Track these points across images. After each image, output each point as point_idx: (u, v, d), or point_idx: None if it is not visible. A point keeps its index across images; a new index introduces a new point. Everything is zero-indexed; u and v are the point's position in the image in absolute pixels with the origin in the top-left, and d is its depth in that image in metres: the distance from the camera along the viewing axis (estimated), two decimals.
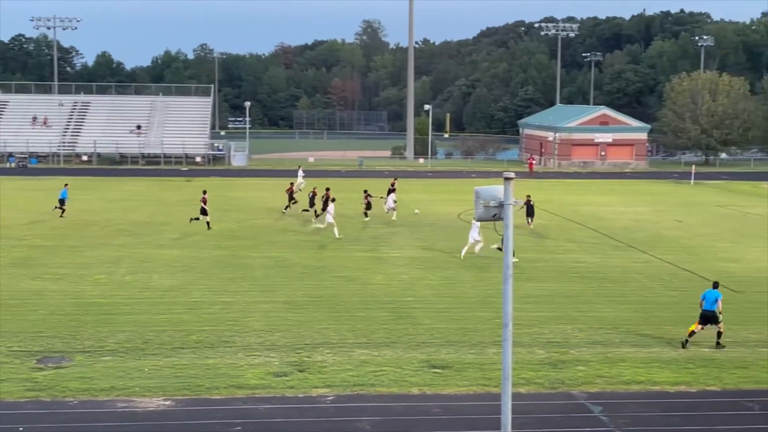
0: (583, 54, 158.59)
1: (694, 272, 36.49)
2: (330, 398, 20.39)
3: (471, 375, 22.06)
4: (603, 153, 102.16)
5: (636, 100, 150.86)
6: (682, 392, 21.18)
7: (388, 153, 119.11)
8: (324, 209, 47.59)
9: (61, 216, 50.53)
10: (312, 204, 51.37)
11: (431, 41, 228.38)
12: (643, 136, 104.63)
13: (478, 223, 42.27)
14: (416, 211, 53.97)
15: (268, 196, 63.23)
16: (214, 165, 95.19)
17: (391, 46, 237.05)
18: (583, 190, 72.98)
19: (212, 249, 40.62)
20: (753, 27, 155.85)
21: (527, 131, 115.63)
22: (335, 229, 44.36)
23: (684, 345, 24.85)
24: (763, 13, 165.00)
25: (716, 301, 24.77)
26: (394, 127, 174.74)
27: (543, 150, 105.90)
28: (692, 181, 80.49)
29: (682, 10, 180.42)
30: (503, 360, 12.82)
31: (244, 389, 20.81)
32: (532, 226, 48.14)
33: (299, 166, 75.39)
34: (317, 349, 24.17)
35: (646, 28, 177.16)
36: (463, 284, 33.49)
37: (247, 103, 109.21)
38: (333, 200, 47.51)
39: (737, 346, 24.99)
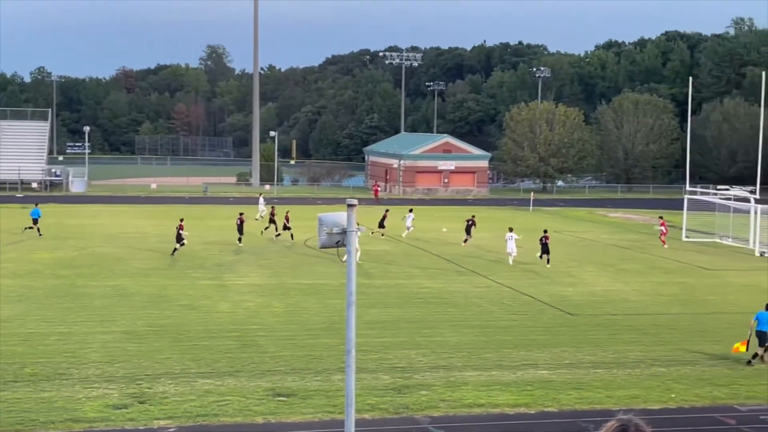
0: (427, 83, 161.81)
1: (533, 296, 37.59)
2: (172, 430, 19.92)
3: (316, 402, 21.99)
4: (446, 180, 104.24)
5: (478, 129, 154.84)
6: (522, 414, 21.70)
7: (233, 179, 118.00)
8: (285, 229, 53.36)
9: (40, 235, 52.32)
10: (286, 227, 54.27)
11: (277, 67, 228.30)
12: (485, 163, 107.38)
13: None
14: (444, 229, 58.61)
15: (107, 223, 61.58)
16: (52, 191, 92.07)
17: (237, 71, 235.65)
18: (429, 217, 74.18)
19: (49, 278, 39.20)
20: (587, 59, 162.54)
21: (373, 158, 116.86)
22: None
23: (750, 362, 26.33)
24: (596, 46, 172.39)
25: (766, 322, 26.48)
26: (240, 153, 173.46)
27: (388, 177, 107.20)
28: (531, 207, 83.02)
29: (520, 42, 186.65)
30: (347, 386, 12.84)
31: (81, 423, 20.09)
32: (464, 245, 51.67)
33: (260, 194, 74.08)
34: (159, 379, 23.60)
35: (486, 59, 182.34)
36: (308, 311, 33.43)
37: (86, 128, 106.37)
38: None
39: (572, 368, 25.83)
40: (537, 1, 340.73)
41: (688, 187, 64.07)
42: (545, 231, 48.76)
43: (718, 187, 66.34)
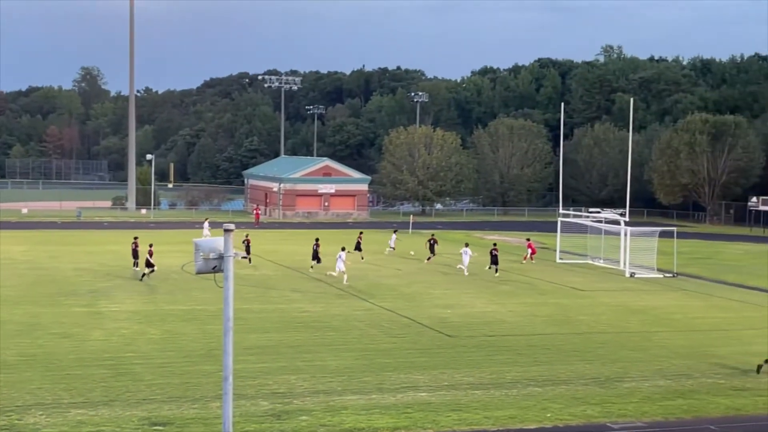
0: (307, 106, 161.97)
1: (413, 318, 37.87)
2: None
3: (194, 430, 21.61)
4: (326, 203, 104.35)
5: (358, 152, 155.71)
6: None
7: (108, 203, 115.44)
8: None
9: None
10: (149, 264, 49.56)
11: (154, 90, 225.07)
12: (365, 187, 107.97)
13: (344, 254, 49.19)
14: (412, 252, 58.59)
15: None
16: None
17: (112, 93, 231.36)
18: (307, 240, 73.94)
19: None
20: (464, 85, 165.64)
21: (252, 182, 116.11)
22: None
23: (758, 371, 28.37)
24: (472, 72, 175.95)
25: None
26: (116, 177, 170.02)
27: (268, 200, 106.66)
28: (410, 230, 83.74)
29: (398, 67, 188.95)
30: (223, 414, 12.68)
31: None
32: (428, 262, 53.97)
33: (206, 219, 72.03)
34: (29, 410, 22.80)
35: (365, 83, 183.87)
36: (185, 337, 32.88)
37: None
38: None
39: (451, 389, 26.10)
40: (414, 27, 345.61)
41: (561, 210, 65.73)
42: (495, 244, 54.25)
43: (590, 209, 68.23)
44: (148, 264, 47.67)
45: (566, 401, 25.07)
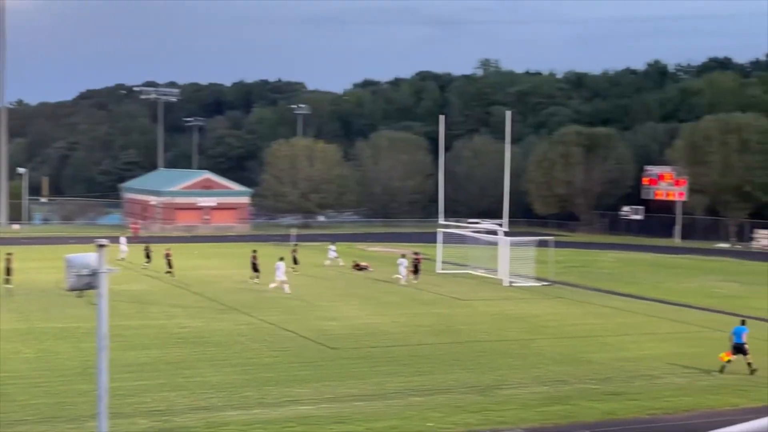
0: (186, 118, 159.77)
1: (296, 332, 37.73)
2: None
3: None
4: (207, 217, 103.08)
5: (239, 165, 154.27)
6: None
7: None
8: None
9: None
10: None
11: (26, 102, 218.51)
12: (246, 200, 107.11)
13: (282, 264, 50.35)
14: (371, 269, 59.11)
15: None
16: None
17: None
18: (187, 254, 72.93)
19: None
20: (345, 97, 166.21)
21: (130, 195, 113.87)
22: None
23: (721, 371, 30.23)
24: (353, 84, 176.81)
25: (742, 335, 30.59)
26: None
27: (146, 214, 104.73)
28: (293, 243, 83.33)
29: (279, 79, 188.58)
30: None
31: None
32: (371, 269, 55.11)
33: (121, 235, 70.44)
34: None
35: (246, 95, 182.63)
36: (60, 356, 31.98)
37: None
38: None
39: (334, 402, 26.09)
40: (295, 39, 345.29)
41: (441, 221, 66.53)
42: (416, 253, 56.57)
43: (470, 220, 69.18)
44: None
45: (447, 410, 25.36)
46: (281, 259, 51.97)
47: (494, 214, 77.31)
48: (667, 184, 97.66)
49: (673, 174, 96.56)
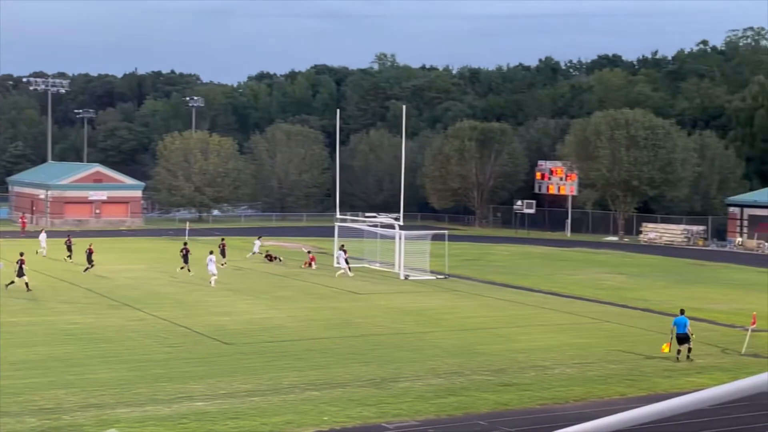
0: (76, 111, 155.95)
1: (189, 327, 37.26)
2: None
3: None
4: (98, 211, 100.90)
5: (131, 158, 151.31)
6: None
7: None
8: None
9: None
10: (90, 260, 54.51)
11: None
12: (138, 193, 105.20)
13: (213, 257, 51.57)
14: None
15: None
16: None
17: None
18: (77, 249, 71.28)
19: None
20: (240, 90, 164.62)
21: (17, 189, 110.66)
22: None
23: (678, 359, 31.62)
24: (249, 77, 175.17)
25: (685, 325, 31.81)
26: None
27: (35, 208, 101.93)
28: (187, 237, 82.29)
29: (172, 71, 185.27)
30: None
31: None
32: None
33: (42, 229, 68.65)
34: None
35: (138, 87, 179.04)
36: None
37: None
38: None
39: (229, 398, 25.86)
40: (188, 31, 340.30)
41: (338, 215, 66.62)
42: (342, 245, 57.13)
43: (366, 214, 69.46)
44: (21, 273, 46.44)
45: (343, 404, 25.41)
46: (211, 252, 52.27)
47: (391, 207, 78.02)
48: (559, 179, 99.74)
49: (564, 169, 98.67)
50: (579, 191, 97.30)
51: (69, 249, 61.46)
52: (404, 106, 70.60)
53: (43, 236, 66.05)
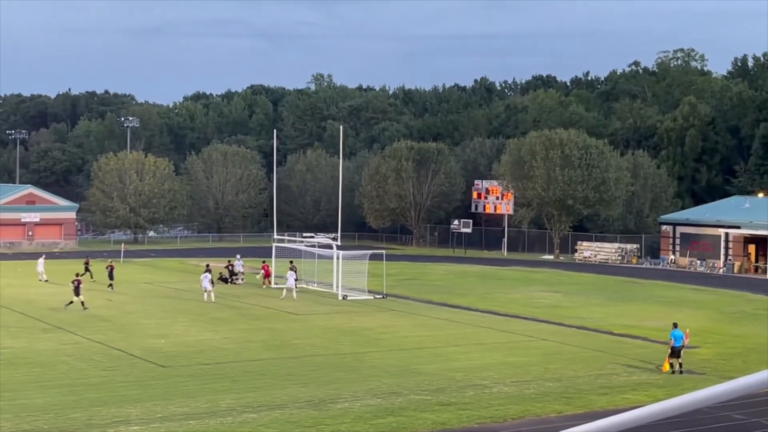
0: (8, 131, 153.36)
1: (124, 350, 36.76)
2: None
3: None
4: (30, 233, 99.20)
5: (64, 179, 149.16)
6: None
7: None
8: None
9: None
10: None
11: None
12: (72, 215, 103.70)
13: (208, 275, 53.87)
14: None
15: None
16: None
17: None
18: (8, 271, 69.95)
19: None
20: (176, 110, 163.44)
21: None
22: None
23: (674, 372, 32.99)
24: (184, 97, 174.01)
25: (682, 338, 33.05)
26: None
27: None
28: (122, 259, 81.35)
29: (106, 91, 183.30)
30: None
31: None
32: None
33: (43, 255, 64.86)
34: None
35: (72, 107, 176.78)
36: None
37: None
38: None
39: (165, 421, 25.54)
40: (121, 50, 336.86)
41: (276, 235, 66.35)
42: (291, 261, 58.28)
43: (304, 234, 69.34)
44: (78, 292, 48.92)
45: (281, 425, 25.27)
46: (207, 268, 55.79)
47: (328, 227, 78.15)
48: (495, 198, 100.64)
49: (500, 188, 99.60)
50: (515, 210, 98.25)
51: (86, 270, 62.24)
52: (341, 126, 70.75)
53: (41, 261, 63.77)
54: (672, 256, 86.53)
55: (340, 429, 25.02)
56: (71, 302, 48.91)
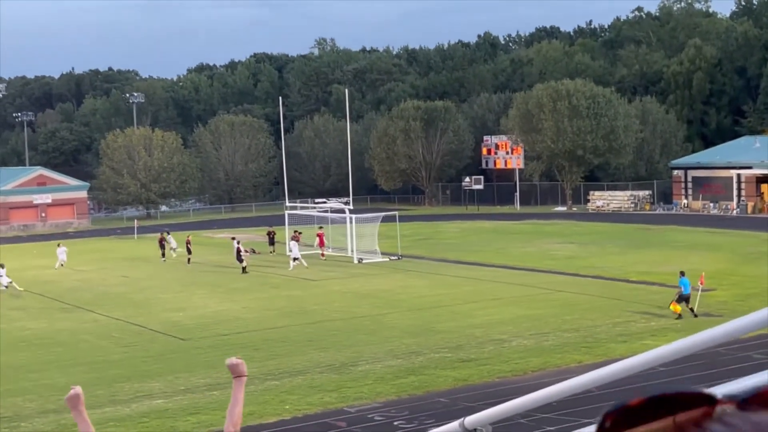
0: (14, 114, 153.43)
1: (144, 326, 36.99)
2: None
3: None
4: (44, 214, 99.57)
5: (74, 159, 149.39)
6: None
7: None
8: None
9: None
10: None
11: None
12: (84, 194, 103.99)
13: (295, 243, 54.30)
14: None
15: None
16: None
17: None
18: (25, 254, 70.31)
19: None
20: (180, 83, 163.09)
21: None
22: None
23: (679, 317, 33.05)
24: (188, 70, 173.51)
25: (689, 285, 33.46)
26: None
27: None
28: (135, 235, 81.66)
29: (110, 68, 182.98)
30: None
31: None
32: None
33: (59, 244, 63.04)
34: None
35: (77, 86, 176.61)
36: None
37: None
38: None
39: (188, 393, 25.77)
40: (122, 26, 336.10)
41: (287, 203, 66.39)
42: (296, 231, 57.54)
43: (316, 200, 69.35)
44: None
45: (304, 391, 25.45)
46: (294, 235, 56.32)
47: (340, 192, 78.13)
48: (505, 153, 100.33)
49: (509, 143, 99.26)
50: (525, 164, 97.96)
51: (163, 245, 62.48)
52: (346, 90, 70.54)
53: (63, 250, 60.60)
54: (685, 201, 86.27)
55: (363, 391, 25.18)
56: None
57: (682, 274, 34.45)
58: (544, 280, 45.34)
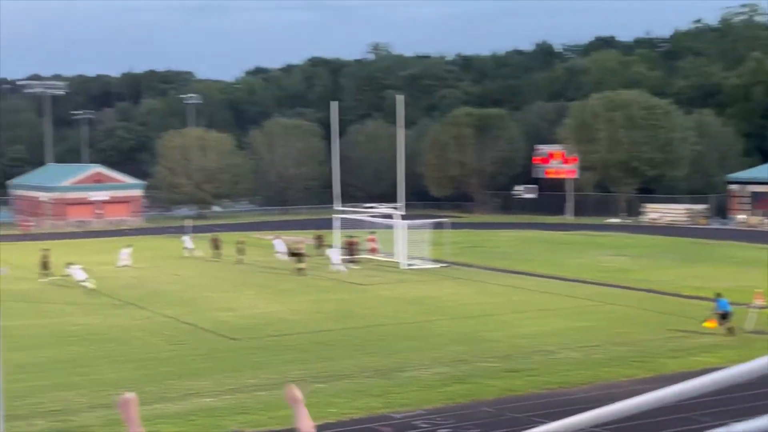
0: (73, 112, 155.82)
1: (194, 324, 37.33)
2: None
3: None
4: (100, 211, 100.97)
5: (130, 158, 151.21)
6: None
7: None
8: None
9: None
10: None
11: None
12: (139, 192, 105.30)
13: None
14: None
15: None
16: None
17: None
18: (80, 249, 71.32)
19: None
20: (237, 86, 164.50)
21: (19, 192, 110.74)
22: None
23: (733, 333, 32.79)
24: (245, 72, 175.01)
25: (728, 304, 33.56)
26: None
27: (37, 211, 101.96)
28: (189, 234, 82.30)
29: (168, 69, 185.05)
30: None
31: None
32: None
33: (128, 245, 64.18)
34: None
35: (135, 86, 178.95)
36: None
37: None
38: None
39: (236, 393, 25.94)
40: (180, 28, 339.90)
41: (337, 207, 66.59)
42: (351, 236, 59.05)
43: (366, 205, 69.40)
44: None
45: (350, 395, 25.49)
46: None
47: (390, 197, 77.80)
48: (558, 162, 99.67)
49: (563, 152, 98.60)
50: (579, 174, 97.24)
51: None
52: (400, 96, 70.67)
53: (126, 252, 60.20)
54: (742, 216, 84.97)
55: (409, 397, 25.15)
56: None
57: (719, 295, 33.91)
58: (595, 292, 44.94)
